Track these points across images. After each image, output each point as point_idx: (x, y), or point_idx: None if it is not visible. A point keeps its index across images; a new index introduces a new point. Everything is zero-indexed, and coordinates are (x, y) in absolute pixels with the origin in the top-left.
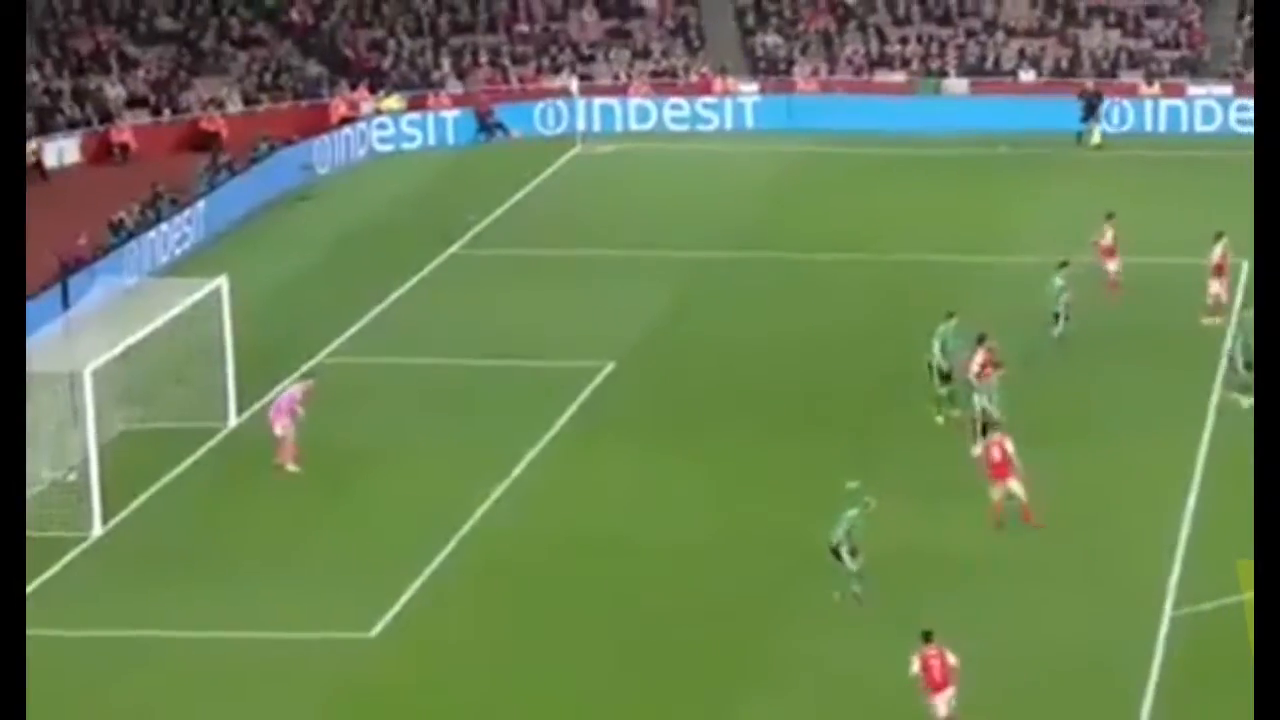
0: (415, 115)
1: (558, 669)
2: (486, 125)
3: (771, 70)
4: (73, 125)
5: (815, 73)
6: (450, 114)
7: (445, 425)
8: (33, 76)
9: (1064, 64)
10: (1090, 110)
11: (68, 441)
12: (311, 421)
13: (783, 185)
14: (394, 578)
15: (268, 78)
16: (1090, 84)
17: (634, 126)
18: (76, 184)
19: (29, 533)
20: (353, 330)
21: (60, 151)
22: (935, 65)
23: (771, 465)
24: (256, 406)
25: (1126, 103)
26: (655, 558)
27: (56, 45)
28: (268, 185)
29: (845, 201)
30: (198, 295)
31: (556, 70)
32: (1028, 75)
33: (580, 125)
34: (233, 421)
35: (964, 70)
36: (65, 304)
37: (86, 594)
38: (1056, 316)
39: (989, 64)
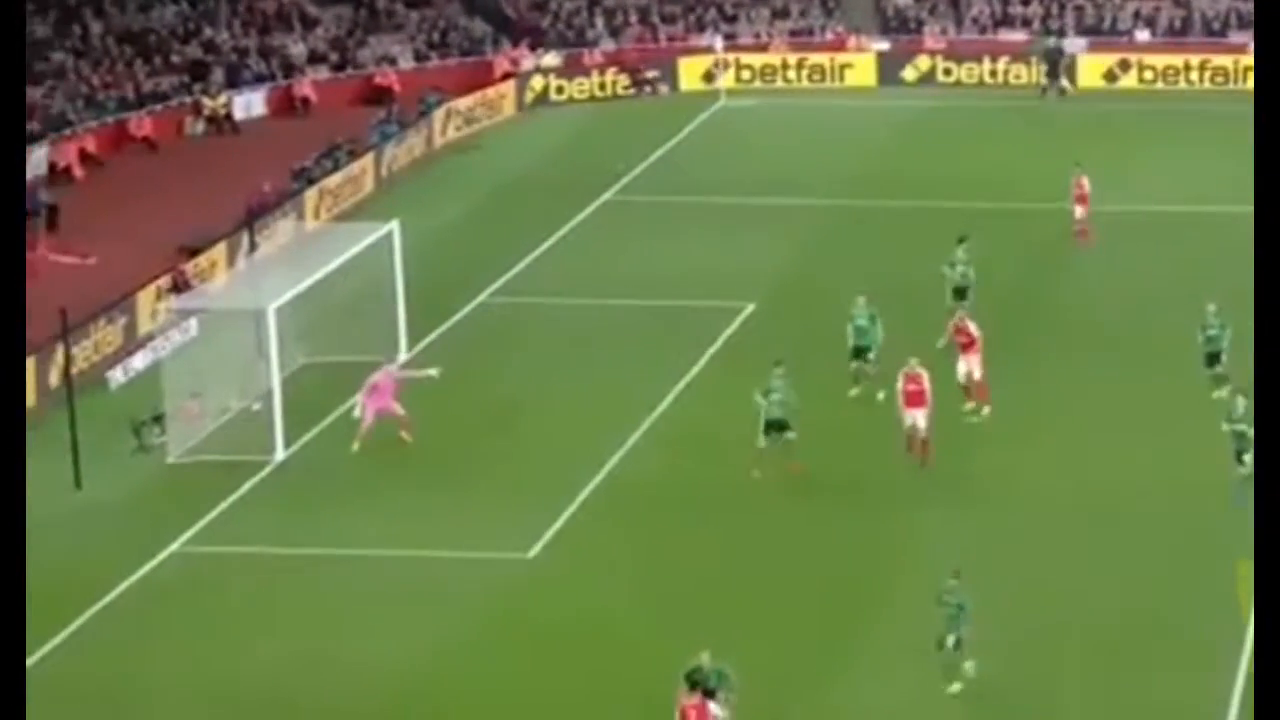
0: (571, 71)
1: (702, 590)
2: (637, 81)
3: (902, 29)
4: (259, 80)
5: (943, 31)
6: (603, 70)
7: (598, 360)
8: (222, 35)
9: (1177, 24)
10: (1053, 65)
11: (253, 374)
12: (475, 357)
13: (912, 137)
14: (550, 503)
15: (436, 36)
16: (1052, 41)
17: (773, 82)
18: (262, 134)
19: (220, 457)
20: (513, 272)
21: (248, 104)
22: (1055, 25)
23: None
24: (425, 342)
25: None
26: (791, 486)
27: (245, 6)
28: (436, 136)
29: (970, 152)
30: (371, 239)
31: (702, 29)
32: (1143, 35)
33: (723, 81)
34: (403, 356)
35: (1082, 30)
36: (252, 246)
37: (269, 515)
38: (962, 292)
39: (1106, 24)
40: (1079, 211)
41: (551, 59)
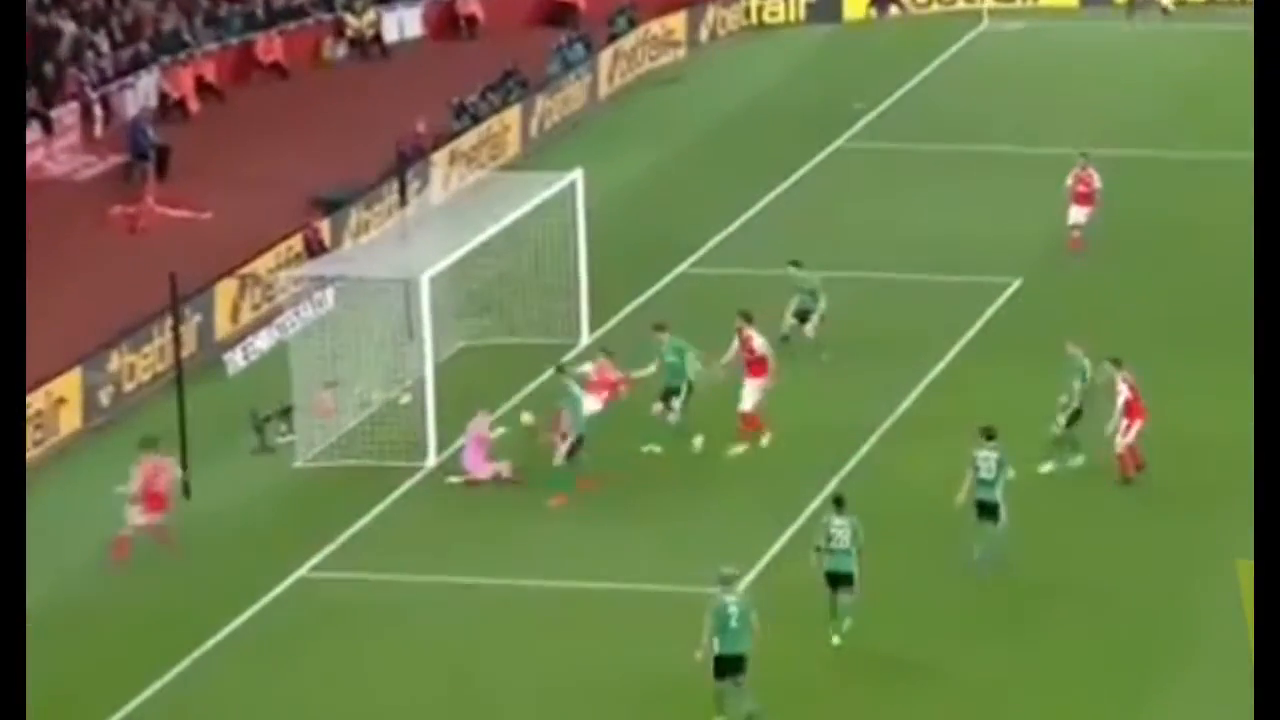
0: None
1: (939, 619)
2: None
3: None
4: None
5: None
6: None
7: (826, 349)
8: None
9: None
10: None
11: (401, 358)
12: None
13: (1203, 73)
14: (775, 519)
15: None
16: None
17: (1045, 1)
18: (417, 61)
19: (360, 461)
20: (722, 235)
21: (401, 23)
22: None
23: (1193, 391)
24: (611, 322)
25: None
26: (1058, 495)
27: None
28: (630, 66)
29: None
30: (549, 192)
31: None
32: None
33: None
34: (585, 338)
35: None
36: (402, 200)
37: (417, 535)
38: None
39: None
40: (1076, 213)
41: None
